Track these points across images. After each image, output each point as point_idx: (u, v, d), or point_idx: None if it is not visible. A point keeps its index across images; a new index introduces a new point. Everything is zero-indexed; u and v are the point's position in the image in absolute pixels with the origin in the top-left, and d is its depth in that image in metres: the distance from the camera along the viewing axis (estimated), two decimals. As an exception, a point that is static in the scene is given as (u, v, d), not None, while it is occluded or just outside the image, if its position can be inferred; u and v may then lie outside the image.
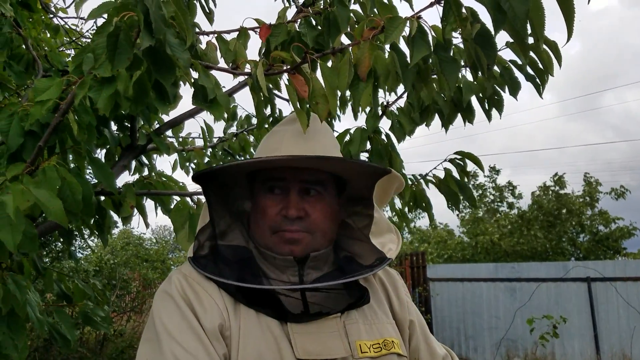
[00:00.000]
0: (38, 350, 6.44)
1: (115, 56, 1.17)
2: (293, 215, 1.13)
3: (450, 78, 1.22)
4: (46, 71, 2.49)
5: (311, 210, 1.16)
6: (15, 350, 1.97)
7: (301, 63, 1.30)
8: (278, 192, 1.17)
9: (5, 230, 1.31)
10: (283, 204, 1.15)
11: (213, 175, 1.23)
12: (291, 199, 1.15)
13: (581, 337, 8.47)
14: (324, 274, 1.18)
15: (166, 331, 1.03)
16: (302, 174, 1.17)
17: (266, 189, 1.18)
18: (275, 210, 1.15)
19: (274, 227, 1.15)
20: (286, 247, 1.14)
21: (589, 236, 15.74)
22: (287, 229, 1.14)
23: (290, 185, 1.16)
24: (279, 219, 1.14)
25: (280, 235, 1.15)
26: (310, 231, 1.15)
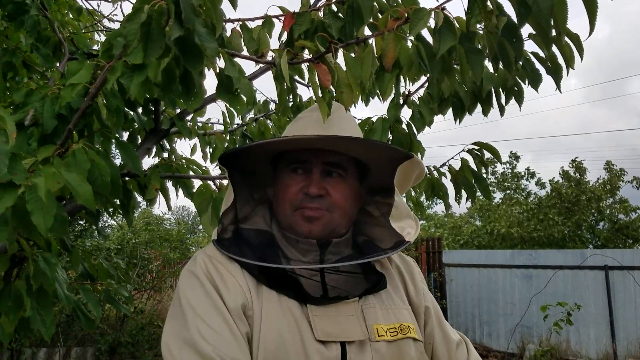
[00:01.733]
0: (61, 326, 6.60)
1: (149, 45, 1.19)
2: (314, 193, 1.17)
3: (476, 69, 1.23)
4: (72, 54, 2.53)
5: (332, 190, 1.20)
6: (44, 325, 2.04)
7: (325, 52, 1.32)
8: (301, 172, 1.21)
9: (37, 213, 1.35)
10: (305, 182, 1.19)
11: (238, 157, 1.26)
12: (313, 177, 1.19)
13: (597, 325, 8.44)
14: (343, 257, 1.22)
15: (191, 309, 1.07)
16: (325, 156, 1.20)
17: (289, 170, 1.22)
18: (297, 188, 1.19)
19: (294, 204, 1.19)
20: (305, 225, 1.18)
21: (608, 224, 15.55)
22: (307, 206, 1.17)
23: (313, 166, 1.20)
24: (300, 196, 1.18)
25: (300, 212, 1.18)
26: (330, 209, 1.19)
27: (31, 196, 1.38)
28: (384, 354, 1.12)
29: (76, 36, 2.78)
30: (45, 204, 1.38)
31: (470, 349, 1.34)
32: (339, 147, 1.21)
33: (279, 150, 1.26)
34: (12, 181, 1.36)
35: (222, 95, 1.55)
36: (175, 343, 1.05)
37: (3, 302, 1.94)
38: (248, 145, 1.23)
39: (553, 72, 1.48)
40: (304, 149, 1.21)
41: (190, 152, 3.17)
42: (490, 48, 1.22)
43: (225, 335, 1.03)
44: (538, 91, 1.57)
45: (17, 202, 1.37)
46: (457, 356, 1.29)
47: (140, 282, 8.13)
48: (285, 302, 1.11)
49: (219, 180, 2.23)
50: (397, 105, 1.76)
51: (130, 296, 2.66)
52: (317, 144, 1.19)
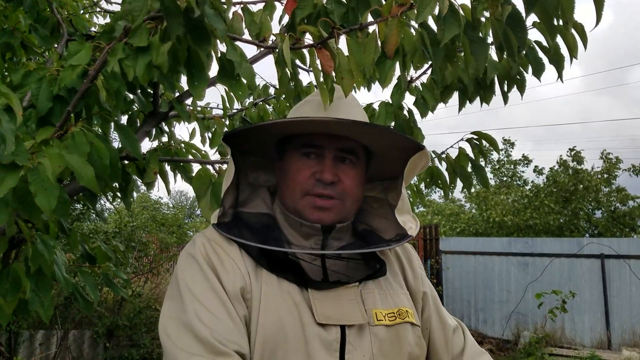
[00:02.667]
0: (58, 309, 6.62)
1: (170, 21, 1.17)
2: (328, 179, 1.15)
3: (479, 58, 1.22)
4: (70, 35, 2.51)
5: (344, 177, 1.18)
6: (42, 307, 2.05)
7: (328, 38, 1.30)
8: (313, 157, 1.19)
9: (41, 194, 1.35)
10: (317, 168, 1.17)
11: (243, 137, 1.24)
12: (326, 163, 1.17)
13: (592, 313, 8.51)
14: (345, 244, 1.22)
15: (189, 291, 1.07)
16: (339, 142, 1.19)
17: (301, 154, 1.19)
18: (308, 173, 1.17)
19: (305, 190, 1.17)
20: (315, 213, 1.17)
21: (605, 213, 15.60)
22: (318, 193, 1.16)
23: (327, 151, 1.18)
24: (312, 182, 1.17)
25: (310, 200, 1.17)
26: (341, 197, 1.18)
27: (34, 177, 1.37)
28: (382, 338, 1.13)
29: (75, 17, 2.76)
30: (52, 184, 1.37)
31: (466, 335, 1.35)
32: (355, 134, 1.19)
33: (289, 133, 1.23)
34: (14, 162, 1.35)
35: (223, 80, 1.53)
36: (172, 325, 1.05)
37: (1, 284, 1.94)
38: (262, 124, 1.19)
39: (556, 62, 1.48)
40: (317, 133, 1.19)
41: (189, 137, 3.16)
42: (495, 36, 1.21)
43: (222, 319, 1.03)
44: (540, 80, 1.57)
45: (18, 184, 1.36)
46: (454, 342, 1.30)
47: (138, 265, 8.15)
48: (285, 286, 1.11)
49: (218, 165, 2.22)
50: (402, 90, 1.75)
51: (128, 279, 2.67)
52: (333, 128, 1.16)
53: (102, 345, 7.19)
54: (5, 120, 1.34)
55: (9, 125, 1.32)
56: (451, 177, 2.06)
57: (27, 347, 6.63)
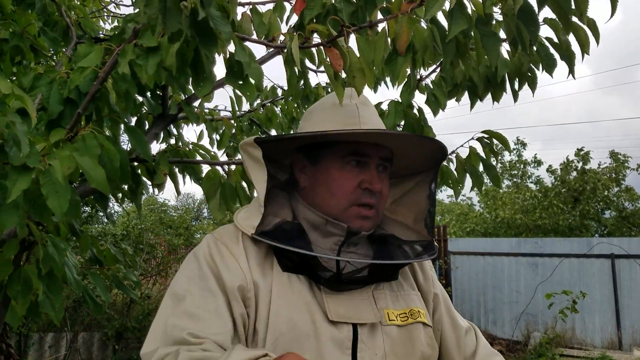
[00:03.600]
0: (68, 311, 6.66)
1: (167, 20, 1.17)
2: (378, 189, 1.17)
3: (491, 53, 1.21)
4: (79, 38, 2.52)
5: (383, 185, 1.20)
6: (53, 309, 2.05)
7: (337, 36, 1.30)
8: (356, 165, 1.18)
9: (53, 197, 1.35)
10: (363, 177, 1.17)
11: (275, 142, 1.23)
12: (373, 173, 1.18)
13: (602, 314, 8.45)
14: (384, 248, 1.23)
15: (184, 289, 1.09)
16: (381, 151, 1.20)
17: (346, 162, 1.18)
18: (355, 182, 1.17)
19: (352, 200, 1.17)
20: (359, 222, 1.17)
21: (614, 213, 15.50)
22: (366, 202, 1.16)
23: (371, 160, 1.19)
24: (359, 191, 1.17)
25: (356, 210, 1.17)
26: (378, 207, 1.19)
27: (46, 180, 1.38)
28: (394, 337, 1.13)
29: (84, 20, 2.78)
30: (63, 187, 1.38)
31: (479, 336, 1.34)
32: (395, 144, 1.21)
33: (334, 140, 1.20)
34: (25, 165, 1.35)
35: (231, 81, 1.53)
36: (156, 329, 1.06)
37: (13, 286, 1.95)
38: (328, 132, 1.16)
39: (567, 58, 1.47)
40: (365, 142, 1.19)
41: (197, 138, 3.17)
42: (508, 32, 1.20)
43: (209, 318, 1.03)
44: (553, 76, 1.56)
45: (30, 186, 1.36)
46: (466, 343, 1.29)
47: (146, 267, 8.18)
48: (297, 286, 1.11)
49: (227, 166, 2.22)
50: (412, 89, 1.75)
51: (138, 281, 2.67)
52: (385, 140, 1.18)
53: (111, 348, 7.22)
54: (18, 123, 1.35)
55: (22, 128, 1.33)
56: (461, 176, 2.04)
57: (36, 350, 6.66)
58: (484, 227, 16.15)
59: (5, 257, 1.95)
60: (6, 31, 2.40)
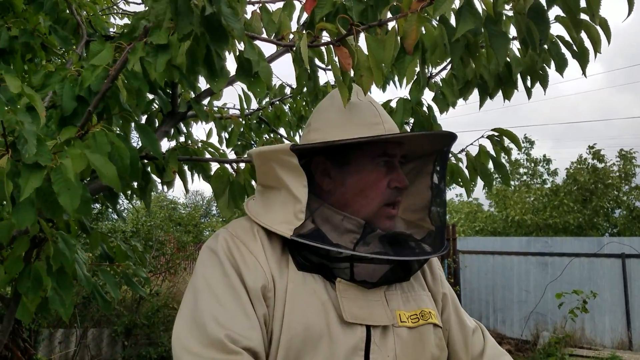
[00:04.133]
0: (77, 307, 6.71)
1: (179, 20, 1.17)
2: (406, 185, 1.20)
3: (499, 52, 1.20)
4: (90, 36, 2.53)
5: None
6: (62, 305, 2.07)
7: (346, 35, 1.30)
8: (383, 165, 1.20)
9: (64, 194, 1.36)
10: (392, 176, 1.19)
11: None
12: (399, 171, 1.21)
13: (612, 313, 8.40)
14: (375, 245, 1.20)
15: (207, 287, 1.08)
16: (402, 149, 1.23)
17: (376, 162, 1.19)
18: (385, 182, 1.19)
19: (385, 200, 1.19)
20: (387, 222, 1.20)
21: (624, 212, 15.39)
22: (397, 201, 1.20)
23: (395, 159, 1.22)
24: (390, 191, 1.19)
25: (387, 210, 1.19)
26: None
27: (57, 177, 1.38)
28: (405, 339, 1.12)
29: (94, 18, 2.79)
30: (74, 184, 1.38)
31: (486, 336, 1.34)
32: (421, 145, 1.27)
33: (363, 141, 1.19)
34: (37, 163, 1.36)
35: (241, 78, 1.53)
36: (184, 325, 1.05)
37: (24, 283, 1.97)
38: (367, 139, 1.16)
39: (579, 57, 1.45)
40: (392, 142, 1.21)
41: (206, 136, 3.17)
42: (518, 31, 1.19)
43: (238, 316, 1.03)
44: (563, 75, 1.55)
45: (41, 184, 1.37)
46: (474, 342, 1.29)
47: (156, 264, 8.22)
48: (311, 285, 1.10)
49: (236, 164, 2.23)
50: (421, 86, 1.74)
51: (147, 278, 2.68)
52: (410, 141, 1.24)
53: (121, 344, 7.27)
54: (27, 122, 1.35)
55: (31, 127, 1.34)
56: (471, 174, 2.03)
57: (46, 346, 6.72)
58: (494, 227, 16.09)
59: (16, 253, 1.97)
60: (17, 29, 2.41)
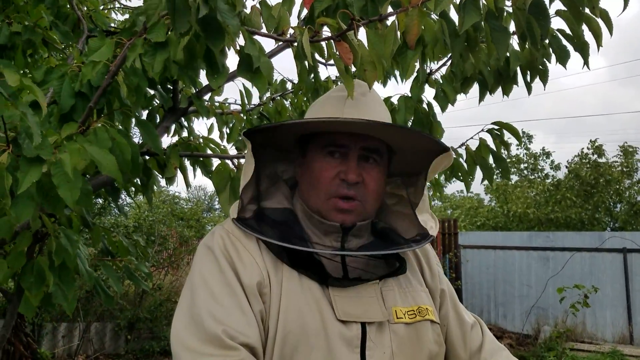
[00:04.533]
0: (80, 302, 6.72)
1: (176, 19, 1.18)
2: (352, 180, 1.14)
3: (500, 47, 1.20)
4: (91, 31, 2.53)
5: (367, 177, 1.17)
6: (65, 300, 2.08)
7: (347, 30, 1.29)
8: (337, 156, 1.17)
9: (64, 187, 1.36)
10: (341, 168, 1.16)
11: (264, 132, 1.23)
12: (351, 164, 1.16)
13: (613, 308, 8.40)
14: (371, 242, 1.22)
15: (204, 284, 1.08)
16: (364, 141, 1.17)
17: (325, 152, 1.18)
18: (332, 173, 1.16)
19: (330, 192, 1.16)
20: (339, 216, 1.16)
21: (626, 207, 15.36)
22: (343, 194, 1.15)
23: (351, 151, 1.17)
24: (336, 182, 1.15)
25: (334, 202, 1.16)
26: (363, 199, 1.17)
27: (57, 170, 1.39)
28: (402, 335, 1.12)
29: (95, 13, 2.78)
30: (72, 178, 1.39)
31: (484, 331, 1.33)
32: (381, 135, 1.18)
33: (312, 131, 1.22)
34: (38, 156, 1.37)
35: (243, 73, 1.53)
36: (182, 319, 1.06)
37: (26, 278, 1.98)
38: (285, 123, 1.19)
39: (580, 49, 1.45)
40: (342, 132, 1.17)
41: (207, 132, 3.17)
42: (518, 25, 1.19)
43: (234, 313, 1.04)
44: (566, 68, 1.54)
45: (41, 178, 1.38)
46: (472, 338, 1.29)
47: (158, 259, 8.23)
48: (306, 282, 1.11)
49: (237, 160, 2.23)
50: (421, 83, 1.73)
51: (149, 272, 2.69)
52: (358, 128, 1.15)
53: (124, 338, 7.29)
54: (30, 114, 1.36)
55: (34, 119, 1.34)
56: (471, 168, 2.03)
57: (50, 340, 6.75)
58: (495, 222, 16.07)
59: (19, 249, 1.97)
60: (18, 24, 2.41)
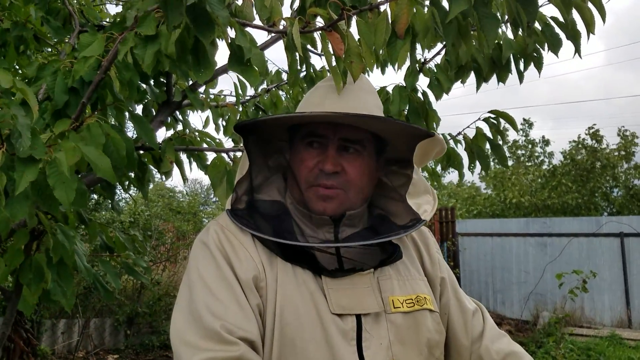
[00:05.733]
0: (79, 298, 6.73)
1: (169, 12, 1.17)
2: (329, 170, 1.14)
3: (489, 34, 1.20)
4: (82, 26, 2.51)
5: (348, 166, 1.17)
6: (64, 296, 2.08)
7: (338, 20, 1.29)
8: (317, 147, 1.17)
9: (59, 188, 1.36)
10: (320, 158, 1.16)
11: (255, 127, 1.24)
12: (329, 153, 1.16)
13: (612, 292, 8.45)
14: (358, 232, 1.21)
15: (200, 280, 1.08)
16: (343, 131, 1.17)
17: (305, 143, 1.19)
18: (312, 163, 1.17)
19: (309, 181, 1.16)
20: (320, 204, 1.16)
21: (623, 191, 15.40)
22: (321, 184, 1.15)
23: (330, 141, 1.17)
24: (315, 172, 1.16)
25: (314, 190, 1.16)
26: (345, 188, 1.16)
27: (52, 171, 1.38)
28: (399, 325, 1.12)
29: (86, 8, 2.76)
30: (68, 178, 1.39)
31: (486, 317, 1.33)
32: (358, 124, 1.18)
33: (295, 123, 1.23)
34: (32, 156, 1.36)
35: (234, 67, 1.53)
36: (180, 315, 1.07)
37: (24, 275, 1.98)
38: (265, 118, 1.21)
39: (573, 37, 1.45)
40: (322, 122, 1.18)
41: (203, 125, 3.16)
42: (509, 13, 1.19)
43: (232, 308, 1.04)
44: (558, 56, 1.54)
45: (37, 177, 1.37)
46: (473, 325, 1.29)
47: (156, 254, 8.24)
48: (300, 275, 1.11)
49: (233, 153, 2.22)
50: (414, 73, 1.73)
51: (148, 267, 2.70)
52: (332, 119, 1.15)
53: (123, 333, 7.31)
54: (21, 116, 1.35)
55: (25, 121, 1.34)
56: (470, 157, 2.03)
57: (49, 336, 6.76)
58: (492, 210, 16.09)
59: (16, 246, 1.98)
60: (8, 21, 2.39)
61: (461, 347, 1.26)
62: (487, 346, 1.26)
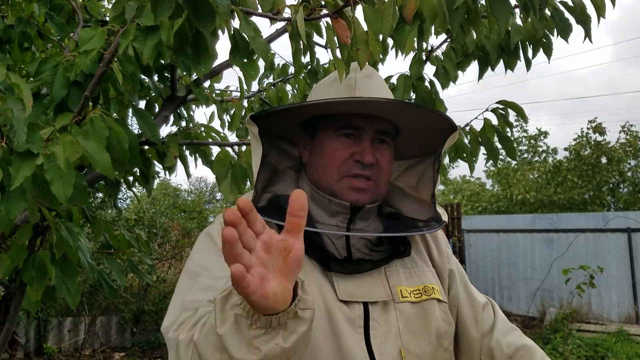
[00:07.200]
0: (85, 295, 6.75)
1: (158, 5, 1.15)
2: (369, 162, 1.13)
3: (500, 19, 1.17)
4: (86, 22, 2.50)
5: (381, 159, 1.16)
6: (69, 294, 2.07)
7: (344, 6, 1.26)
8: (351, 137, 1.16)
9: (56, 183, 1.34)
10: (356, 149, 1.15)
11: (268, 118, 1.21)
12: (366, 145, 1.15)
13: (619, 288, 8.41)
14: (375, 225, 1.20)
15: (199, 266, 1.08)
16: (377, 123, 1.16)
17: (339, 134, 1.16)
18: (346, 154, 1.15)
19: (343, 171, 1.15)
20: (353, 194, 1.15)
21: (629, 187, 15.33)
22: (357, 174, 1.14)
23: (365, 132, 1.16)
24: (350, 162, 1.14)
25: (348, 181, 1.15)
26: (377, 179, 1.16)
27: (50, 165, 1.36)
28: (408, 314, 1.11)
29: (90, 3, 2.75)
30: (65, 173, 1.36)
31: (496, 310, 1.32)
32: (396, 115, 1.17)
33: (324, 112, 1.20)
34: (29, 150, 1.34)
35: (236, 59, 1.50)
36: (175, 305, 1.06)
37: (27, 272, 1.96)
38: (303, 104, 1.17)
39: (583, 22, 1.42)
40: (356, 113, 1.16)
41: (207, 120, 3.14)
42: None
43: None
44: (568, 42, 1.51)
45: (37, 171, 1.36)
46: (484, 318, 1.27)
47: (161, 251, 8.25)
48: (307, 265, 1.09)
49: (238, 147, 2.20)
50: (420, 61, 1.70)
51: (153, 265, 2.68)
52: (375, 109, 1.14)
53: (129, 331, 7.33)
54: (17, 110, 1.33)
55: (20, 115, 1.32)
56: (475, 149, 2.00)
57: (56, 334, 6.78)
58: (498, 206, 16.05)
59: (19, 242, 1.96)
60: (12, 18, 2.38)
61: (472, 340, 1.24)
62: (498, 339, 1.24)
